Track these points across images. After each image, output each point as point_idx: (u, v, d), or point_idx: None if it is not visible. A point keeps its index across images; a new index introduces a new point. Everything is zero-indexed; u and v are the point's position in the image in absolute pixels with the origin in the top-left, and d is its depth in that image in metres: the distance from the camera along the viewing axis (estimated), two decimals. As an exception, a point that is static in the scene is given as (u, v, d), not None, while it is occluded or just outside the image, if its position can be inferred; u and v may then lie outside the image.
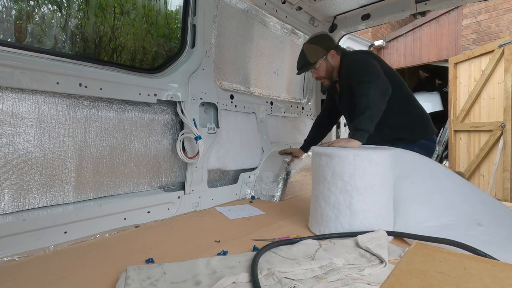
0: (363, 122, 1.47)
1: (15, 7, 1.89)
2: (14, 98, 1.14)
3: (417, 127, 1.80)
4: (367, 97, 1.50)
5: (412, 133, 1.78)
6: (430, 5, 2.15)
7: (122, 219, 1.42)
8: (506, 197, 3.86)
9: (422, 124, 1.82)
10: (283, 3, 2.26)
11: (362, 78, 1.56)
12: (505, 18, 5.64)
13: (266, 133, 2.28)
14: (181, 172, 1.75)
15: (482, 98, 4.39)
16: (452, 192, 1.40)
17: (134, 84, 1.47)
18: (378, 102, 1.50)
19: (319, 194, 1.33)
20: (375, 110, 1.49)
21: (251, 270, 0.90)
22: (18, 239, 1.11)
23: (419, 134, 1.80)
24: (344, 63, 1.79)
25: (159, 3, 2.83)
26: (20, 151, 1.16)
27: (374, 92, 1.50)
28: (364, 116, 1.47)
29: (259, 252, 1.02)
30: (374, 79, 1.54)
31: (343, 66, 1.79)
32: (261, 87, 2.38)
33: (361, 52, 1.90)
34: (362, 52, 1.89)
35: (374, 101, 1.49)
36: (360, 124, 1.47)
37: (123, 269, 0.97)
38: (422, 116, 1.84)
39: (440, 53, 6.53)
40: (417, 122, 1.81)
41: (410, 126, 1.78)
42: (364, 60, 1.70)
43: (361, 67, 1.65)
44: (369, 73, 1.59)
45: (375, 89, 1.51)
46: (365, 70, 1.62)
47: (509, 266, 0.50)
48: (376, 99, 1.50)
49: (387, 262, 0.97)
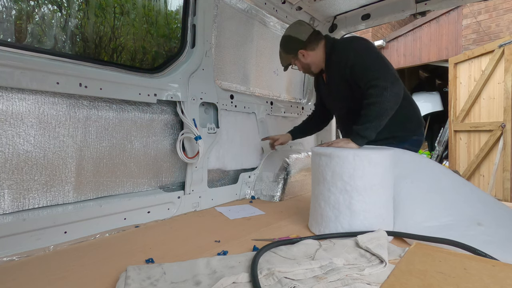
0: (368, 131, 1.40)
1: (15, 7, 1.89)
2: (14, 98, 1.14)
3: (410, 124, 1.73)
4: (380, 105, 1.38)
5: (405, 131, 1.71)
6: (430, 5, 2.15)
7: (122, 219, 1.42)
8: (506, 197, 3.86)
9: (415, 121, 1.75)
10: (283, 3, 2.26)
11: (375, 81, 1.41)
12: (505, 18, 5.64)
13: (266, 133, 2.28)
14: (181, 172, 1.75)
15: (482, 98, 4.39)
16: (452, 192, 1.40)
17: (134, 84, 1.47)
18: (390, 113, 1.40)
19: (319, 194, 1.33)
20: (384, 121, 1.41)
21: (251, 270, 0.90)
22: (18, 239, 1.11)
23: (411, 131, 1.73)
24: (336, 55, 1.63)
25: (159, 3, 2.82)
26: (20, 151, 1.16)
27: (389, 102, 1.38)
28: (372, 125, 1.39)
29: (259, 252, 1.02)
30: (390, 84, 1.39)
31: (335, 58, 1.63)
32: (261, 87, 2.38)
33: (360, 39, 1.65)
34: (361, 39, 1.66)
35: (387, 112, 1.39)
36: (365, 131, 1.40)
37: (123, 269, 0.97)
38: (415, 112, 1.77)
39: (440, 53, 6.53)
40: (410, 119, 1.73)
41: (404, 124, 1.70)
42: (371, 52, 1.53)
43: (370, 61, 1.49)
44: (382, 74, 1.43)
45: (390, 98, 1.38)
46: (376, 68, 1.46)
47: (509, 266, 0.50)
48: (389, 111, 1.39)
49: (387, 262, 0.97)
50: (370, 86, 1.43)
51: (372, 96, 1.41)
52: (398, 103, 1.43)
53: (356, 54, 1.54)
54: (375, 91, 1.41)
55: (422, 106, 7.83)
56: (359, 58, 1.52)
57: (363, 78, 1.48)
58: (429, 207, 1.32)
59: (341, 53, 1.61)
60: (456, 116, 4.85)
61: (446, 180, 1.46)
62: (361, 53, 1.54)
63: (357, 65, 1.52)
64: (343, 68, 1.58)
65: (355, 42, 1.63)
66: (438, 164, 1.60)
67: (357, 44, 1.60)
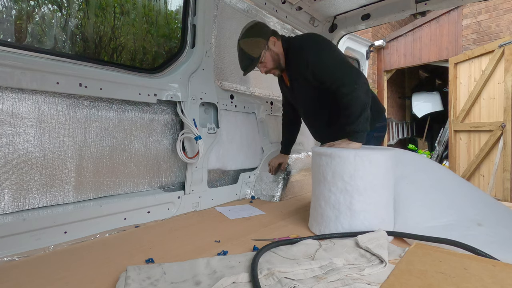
0: (361, 124, 1.45)
1: (15, 7, 1.89)
2: (14, 98, 1.14)
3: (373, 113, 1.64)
4: (358, 99, 1.45)
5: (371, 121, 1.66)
6: (430, 5, 2.15)
7: (122, 219, 1.42)
8: (506, 197, 3.86)
9: (374, 109, 1.64)
10: (283, 3, 2.26)
11: (342, 80, 1.48)
12: (505, 18, 5.64)
13: (266, 133, 2.28)
14: (181, 172, 1.75)
15: (482, 98, 4.39)
16: (452, 192, 1.40)
17: (134, 84, 1.47)
18: (368, 101, 1.47)
19: (319, 195, 1.33)
20: (368, 110, 1.46)
21: (251, 270, 0.90)
22: (18, 239, 1.11)
23: (373, 119, 1.67)
24: (294, 54, 1.62)
25: (159, 3, 2.83)
26: (20, 151, 1.16)
27: (362, 93, 1.45)
28: (362, 118, 1.44)
29: (259, 252, 1.02)
30: (356, 78, 1.47)
31: (293, 57, 1.63)
32: (261, 87, 2.38)
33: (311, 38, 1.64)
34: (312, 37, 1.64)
35: (365, 101, 1.46)
36: (358, 126, 1.45)
37: (123, 269, 0.97)
38: (375, 100, 1.75)
39: (440, 53, 6.54)
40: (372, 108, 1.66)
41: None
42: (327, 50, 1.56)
43: (329, 61, 1.53)
44: (345, 71, 1.50)
45: (361, 89, 1.45)
46: (339, 67, 1.52)
47: (509, 266, 0.50)
48: (366, 99, 1.46)
49: (387, 262, 0.97)
50: (340, 85, 1.48)
51: (346, 94, 1.46)
52: (369, 90, 1.50)
53: (314, 54, 1.55)
54: (346, 90, 1.46)
55: (422, 106, 7.83)
56: (318, 59, 1.54)
57: (329, 79, 1.52)
58: (429, 207, 1.32)
59: (297, 50, 1.60)
60: (456, 116, 4.85)
61: (446, 180, 1.46)
62: (319, 53, 1.55)
63: (318, 67, 1.54)
64: (304, 70, 1.58)
65: (309, 40, 1.63)
66: (438, 164, 1.60)
67: (311, 42, 1.61)
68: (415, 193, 1.38)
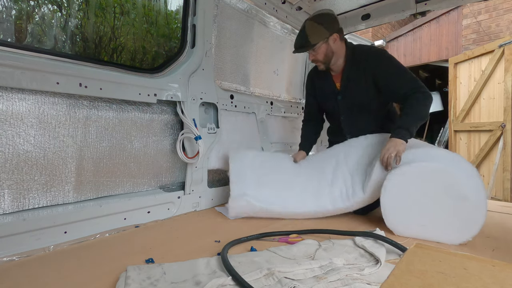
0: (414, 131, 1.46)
1: (15, 7, 1.89)
2: (14, 98, 1.14)
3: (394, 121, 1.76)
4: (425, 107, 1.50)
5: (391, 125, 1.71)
6: (430, 5, 2.15)
7: (122, 219, 1.42)
8: (506, 197, 3.85)
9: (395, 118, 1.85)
10: (283, 3, 2.26)
11: (414, 84, 1.55)
12: (505, 18, 5.64)
13: (266, 133, 2.28)
14: (181, 172, 1.75)
15: (482, 98, 4.39)
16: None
17: (134, 84, 1.47)
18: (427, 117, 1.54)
19: None
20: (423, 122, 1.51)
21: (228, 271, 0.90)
22: (18, 239, 1.11)
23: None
24: (362, 56, 1.67)
25: (159, 3, 2.83)
26: (20, 151, 1.16)
27: (430, 104, 1.52)
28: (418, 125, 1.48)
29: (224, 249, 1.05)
30: (425, 88, 1.54)
31: (361, 59, 1.67)
32: (261, 87, 2.38)
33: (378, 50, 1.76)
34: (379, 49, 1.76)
35: (427, 114, 1.52)
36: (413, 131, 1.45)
37: (123, 269, 0.97)
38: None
39: (440, 53, 6.53)
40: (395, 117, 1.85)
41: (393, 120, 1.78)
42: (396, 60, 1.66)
43: (402, 68, 1.61)
44: (415, 79, 1.57)
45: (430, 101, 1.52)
46: (409, 74, 1.59)
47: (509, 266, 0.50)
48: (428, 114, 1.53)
49: (382, 261, 0.98)
50: (417, 91, 1.53)
51: (420, 99, 1.51)
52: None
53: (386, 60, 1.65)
54: (422, 96, 1.52)
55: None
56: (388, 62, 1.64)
57: (406, 85, 1.56)
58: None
59: (361, 57, 1.68)
60: (456, 116, 4.85)
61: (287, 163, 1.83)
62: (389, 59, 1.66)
63: (390, 74, 1.61)
64: (368, 73, 1.65)
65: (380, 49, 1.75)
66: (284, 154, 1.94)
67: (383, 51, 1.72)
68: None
